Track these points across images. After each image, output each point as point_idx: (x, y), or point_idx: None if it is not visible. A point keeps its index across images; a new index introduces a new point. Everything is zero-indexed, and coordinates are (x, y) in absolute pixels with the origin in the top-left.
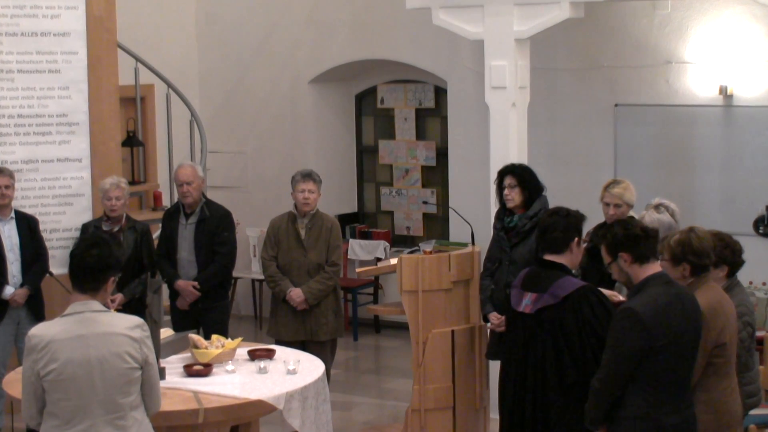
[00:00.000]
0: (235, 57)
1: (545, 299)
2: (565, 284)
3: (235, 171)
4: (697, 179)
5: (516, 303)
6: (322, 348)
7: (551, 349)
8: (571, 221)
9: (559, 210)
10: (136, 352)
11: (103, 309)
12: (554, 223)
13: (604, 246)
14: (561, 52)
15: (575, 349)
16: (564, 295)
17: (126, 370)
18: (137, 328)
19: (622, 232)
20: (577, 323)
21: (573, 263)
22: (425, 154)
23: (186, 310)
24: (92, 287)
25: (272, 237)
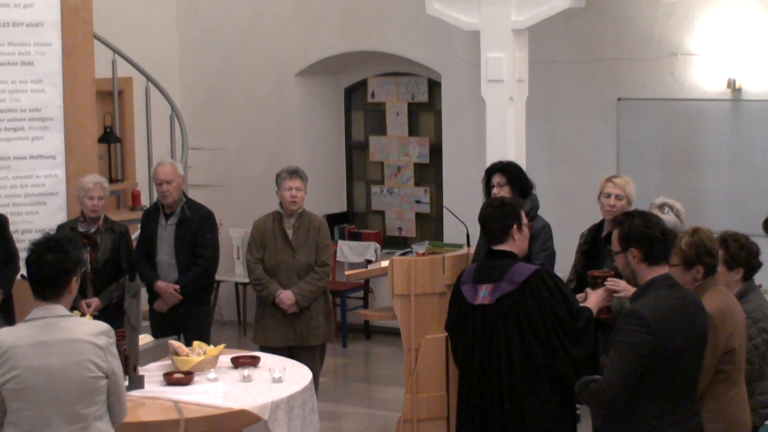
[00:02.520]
0: (218, 49)
1: (503, 287)
2: (521, 270)
3: (217, 169)
4: (704, 177)
5: (471, 297)
6: (312, 354)
7: (516, 335)
8: (506, 210)
9: (494, 201)
10: (100, 361)
11: (67, 314)
12: (490, 215)
13: (617, 233)
14: (561, 44)
15: (540, 332)
16: (522, 280)
17: (89, 380)
18: (102, 335)
19: (640, 228)
20: (538, 306)
21: (521, 249)
22: (418, 151)
23: (166, 315)
24: (53, 293)
25: (257, 238)
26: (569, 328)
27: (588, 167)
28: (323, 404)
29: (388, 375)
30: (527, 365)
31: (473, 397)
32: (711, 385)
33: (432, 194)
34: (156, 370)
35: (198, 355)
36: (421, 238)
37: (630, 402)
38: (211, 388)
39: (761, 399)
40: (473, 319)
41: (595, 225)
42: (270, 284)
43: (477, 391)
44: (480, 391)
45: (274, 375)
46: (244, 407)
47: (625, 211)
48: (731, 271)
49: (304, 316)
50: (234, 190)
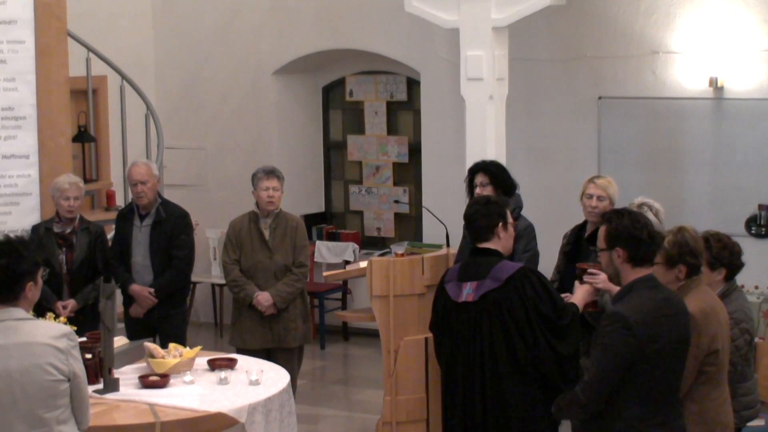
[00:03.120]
0: (194, 47)
1: (487, 284)
2: (505, 267)
3: (193, 168)
4: (686, 176)
5: (455, 295)
6: (290, 356)
7: (500, 332)
8: (491, 208)
9: (479, 199)
10: (61, 364)
11: (27, 317)
12: (475, 213)
13: (604, 230)
14: (541, 42)
15: (524, 328)
16: (506, 277)
17: (50, 383)
18: (63, 338)
19: (628, 228)
20: (522, 303)
21: (505, 248)
22: (397, 150)
23: (141, 317)
24: (9, 298)
25: (233, 239)
26: (554, 324)
27: (568, 166)
28: (301, 407)
29: (367, 377)
30: (511, 362)
31: (457, 395)
32: (693, 387)
33: (411, 194)
34: (131, 373)
35: (174, 358)
36: (400, 239)
37: (612, 405)
38: (187, 390)
39: (744, 400)
40: (457, 317)
41: (578, 225)
42: (247, 286)
43: (461, 389)
44: (464, 389)
45: (251, 377)
46: (220, 410)
47: (615, 209)
48: (713, 272)
49: (281, 318)
50: (210, 190)
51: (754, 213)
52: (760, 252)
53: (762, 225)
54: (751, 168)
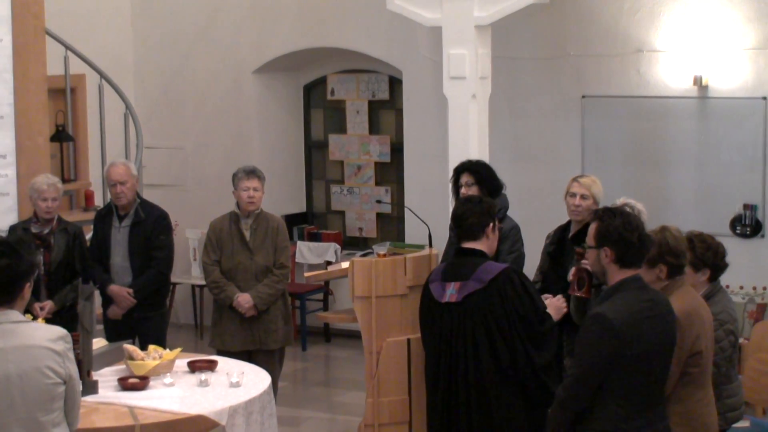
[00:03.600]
0: (174, 45)
1: (471, 285)
2: (489, 268)
3: (173, 168)
4: (670, 176)
5: (439, 295)
6: (270, 358)
7: (483, 334)
8: (484, 207)
9: (471, 198)
10: (59, 367)
11: (23, 319)
12: (468, 211)
13: (594, 227)
14: (524, 40)
15: (505, 331)
16: (489, 278)
17: (48, 386)
18: (60, 341)
19: (619, 229)
20: (503, 305)
21: (491, 249)
22: (379, 150)
23: (120, 318)
24: (7, 299)
25: (213, 240)
26: (533, 329)
27: (552, 166)
28: (282, 409)
29: (349, 379)
30: (494, 364)
31: (440, 395)
32: (677, 388)
33: (393, 194)
34: (110, 375)
35: (153, 360)
36: (382, 239)
37: (597, 406)
38: (167, 393)
39: (728, 402)
40: (440, 317)
41: (562, 226)
42: (227, 287)
43: (444, 389)
44: (447, 390)
45: (231, 379)
46: (201, 412)
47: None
48: (697, 272)
49: (262, 320)
50: (190, 190)
51: (738, 212)
52: (744, 252)
53: (747, 225)
54: (735, 167)
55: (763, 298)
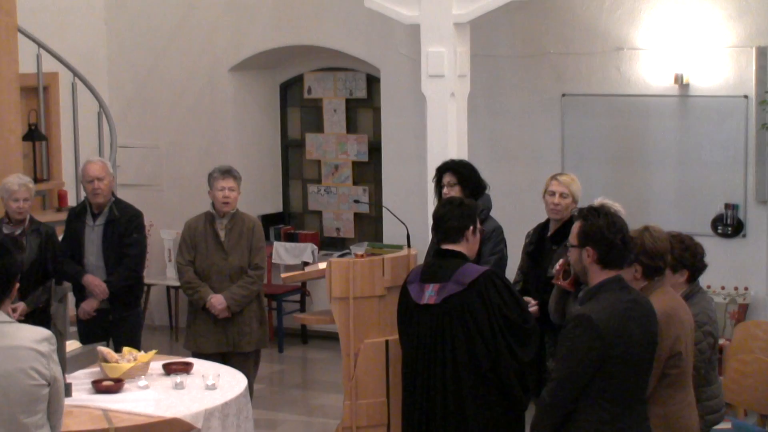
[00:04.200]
0: (148, 43)
1: (450, 287)
2: (469, 270)
3: (147, 168)
4: (651, 175)
5: (417, 297)
6: (245, 360)
7: (462, 336)
8: (465, 210)
9: (453, 200)
10: (43, 368)
11: (8, 319)
12: (448, 213)
13: (578, 226)
14: (504, 38)
15: (486, 334)
16: (469, 281)
17: (32, 388)
18: (45, 342)
19: (602, 230)
20: (485, 308)
21: (471, 252)
22: (356, 149)
23: (94, 319)
24: None
25: (188, 240)
26: (519, 328)
27: (532, 165)
28: (259, 412)
29: (326, 381)
30: (472, 367)
31: (417, 400)
32: (657, 390)
33: (371, 194)
34: (84, 378)
35: (128, 362)
36: (359, 239)
37: (579, 409)
38: (141, 395)
39: (708, 404)
40: (419, 319)
41: (540, 224)
42: (201, 288)
43: (421, 392)
44: (424, 392)
45: (207, 382)
46: (176, 415)
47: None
48: (676, 273)
49: (236, 322)
50: (165, 190)
51: (720, 212)
52: (726, 252)
53: (728, 224)
54: (717, 166)
55: (745, 299)
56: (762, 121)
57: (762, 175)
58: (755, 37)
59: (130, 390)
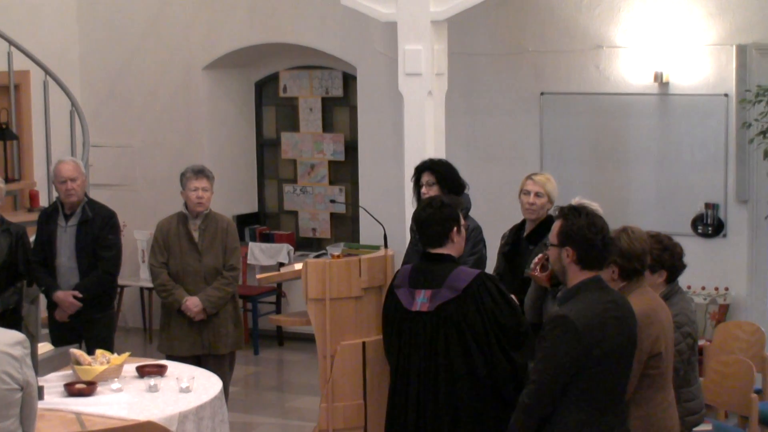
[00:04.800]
0: (121, 40)
1: (444, 294)
2: (462, 275)
3: (120, 167)
4: (631, 174)
5: (408, 303)
6: (220, 362)
7: (457, 344)
8: (446, 211)
9: (432, 201)
10: (16, 372)
11: None
12: (430, 217)
13: (558, 225)
14: (482, 36)
15: (482, 341)
16: (463, 286)
17: (4, 392)
18: (18, 345)
19: (582, 230)
20: (480, 314)
21: (458, 251)
22: (333, 148)
23: (66, 321)
24: None
25: (161, 241)
26: (513, 332)
27: (510, 164)
28: (234, 415)
29: (302, 383)
30: (468, 375)
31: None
32: (637, 391)
33: (347, 193)
34: (56, 381)
35: (101, 364)
36: (336, 240)
37: (558, 410)
38: (115, 398)
39: (688, 406)
40: (410, 327)
41: (517, 225)
42: (175, 290)
43: (414, 401)
44: (418, 403)
45: (181, 384)
46: (150, 419)
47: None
48: (654, 274)
49: (211, 324)
50: (138, 190)
51: (700, 212)
52: (706, 252)
53: (709, 224)
54: (697, 166)
55: (725, 299)
56: (742, 119)
57: (742, 175)
58: (735, 35)
59: (103, 393)
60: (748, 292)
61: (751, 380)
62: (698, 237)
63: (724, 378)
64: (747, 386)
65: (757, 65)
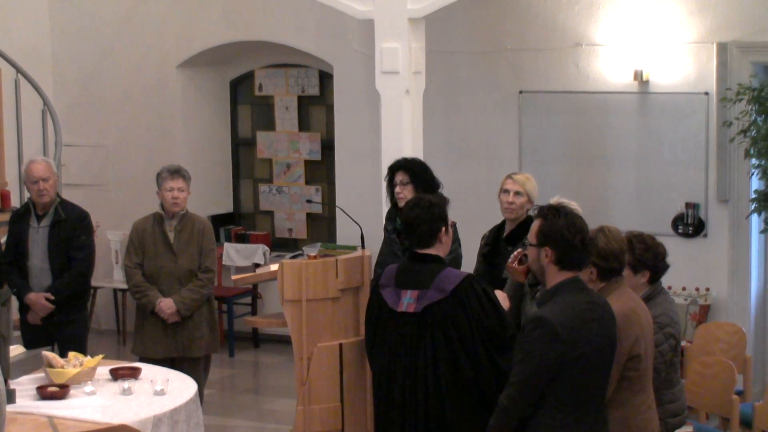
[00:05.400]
0: (94, 38)
1: (432, 295)
2: (450, 277)
3: (93, 167)
4: (610, 174)
5: (394, 303)
6: (195, 365)
7: (444, 346)
8: (434, 212)
9: (420, 201)
10: None
11: None
12: (418, 217)
13: (537, 225)
14: (460, 34)
15: (468, 344)
16: (451, 288)
17: None
18: None
19: (562, 230)
20: (467, 317)
21: (445, 251)
22: (309, 147)
23: (39, 324)
24: None
25: (136, 242)
26: (497, 337)
27: (488, 163)
28: (209, 418)
29: (279, 386)
30: (454, 378)
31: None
32: (616, 393)
33: (324, 193)
34: (28, 384)
35: (74, 367)
36: (312, 240)
37: (537, 413)
38: (88, 402)
39: (670, 408)
40: (395, 328)
41: (496, 226)
42: (149, 291)
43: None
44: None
45: (156, 387)
46: (124, 422)
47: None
48: (637, 274)
49: (186, 326)
50: (112, 190)
51: (681, 211)
52: (687, 252)
53: (689, 224)
54: (678, 165)
55: (706, 300)
56: (723, 118)
57: (723, 174)
58: (716, 32)
59: (77, 396)
60: (729, 293)
61: (732, 381)
62: (679, 237)
63: (705, 379)
64: (728, 387)
65: (737, 63)
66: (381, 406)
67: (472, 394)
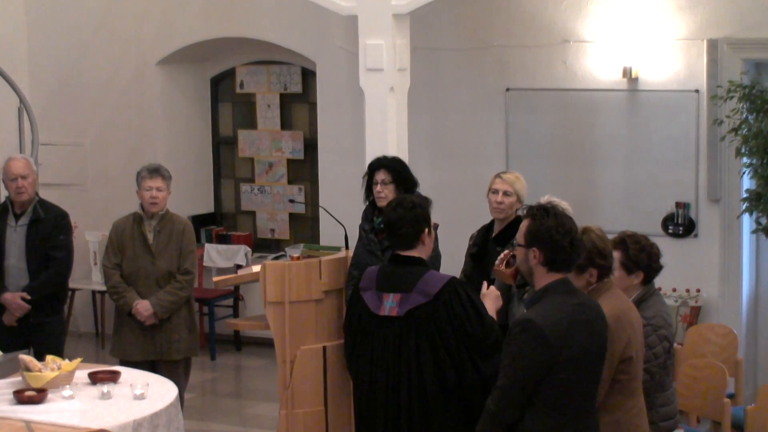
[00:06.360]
0: (71, 34)
1: (415, 299)
2: (433, 280)
3: (71, 166)
4: (599, 173)
5: (375, 307)
6: (174, 369)
7: (428, 351)
8: (418, 212)
9: (403, 202)
10: None
11: None
12: (401, 218)
13: (525, 225)
14: (445, 30)
15: (452, 348)
16: (435, 291)
17: None
18: None
19: (550, 231)
20: (450, 321)
21: (428, 254)
22: (291, 146)
23: (15, 326)
24: None
25: (115, 242)
26: (480, 343)
27: (475, 162)
28: (190, 422)
29: (261, 389)
30: (438, 383)
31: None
32: (607, 397)
33: (307, 193)
34: (5, 388)
35: (52, 371)
36: (295, 241)
37: (525, 417)
38: (66, 406)
39: (662, 411)
40: (378, 332)
41: (485, 226)
42: (127, 293)
43: (381, 408)
44: (385, 408)
45: (135, 391)
46: (103, 427)
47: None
48: (630, 275)
49: (164, 329)
50: (90, 190)
51: (671, 211)
52: (677, 252)
53: (679, 224)
54: (667, 163)
55: (697, 301)
56: (713, 116)
57: (714, 173)
58: (706, 29)
59: (54, 400)
60: (720, 294)
61: (723, 384)
62: (669, 237)
63: (696, 382)
64: (719, 390)
65: (728, 60)
66: (363, 414)
67: (456, 397)
